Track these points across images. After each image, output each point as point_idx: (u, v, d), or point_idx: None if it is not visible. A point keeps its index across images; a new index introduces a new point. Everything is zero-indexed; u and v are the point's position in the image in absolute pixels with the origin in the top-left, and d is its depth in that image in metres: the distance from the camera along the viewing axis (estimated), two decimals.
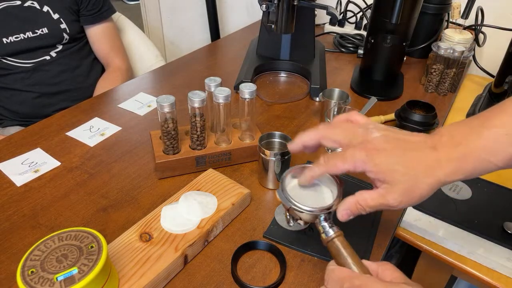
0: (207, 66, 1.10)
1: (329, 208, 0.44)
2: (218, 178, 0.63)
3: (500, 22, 1.08)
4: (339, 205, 0.43)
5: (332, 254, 0.42)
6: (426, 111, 0.79)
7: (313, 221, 0.44)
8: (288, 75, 1.05)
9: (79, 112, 0.86)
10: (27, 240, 0.56)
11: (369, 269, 0.39)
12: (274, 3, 0.86)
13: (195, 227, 0.54)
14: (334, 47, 1.23)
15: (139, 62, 1.33)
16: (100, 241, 0.43)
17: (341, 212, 0.43)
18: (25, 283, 0.38)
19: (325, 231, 0.43)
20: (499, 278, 0.56)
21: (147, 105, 0.89)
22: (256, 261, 0.54)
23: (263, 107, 0.90)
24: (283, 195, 0.45)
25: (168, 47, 2.00)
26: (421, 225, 0.62)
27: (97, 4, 1.13)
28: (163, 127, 0.63)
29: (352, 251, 0.41)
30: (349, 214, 0.43)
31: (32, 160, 0.71)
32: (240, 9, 1.72)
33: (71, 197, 0.63)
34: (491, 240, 0.59)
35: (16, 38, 1.02)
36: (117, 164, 0.71)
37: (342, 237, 0.42)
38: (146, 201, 0.63)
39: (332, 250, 0.42)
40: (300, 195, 0.46)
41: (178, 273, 0.52)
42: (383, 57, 0.98)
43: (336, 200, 0.45)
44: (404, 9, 0.82)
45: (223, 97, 0.63)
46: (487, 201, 0.66)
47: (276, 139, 0.67)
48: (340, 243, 0.41)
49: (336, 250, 0.41)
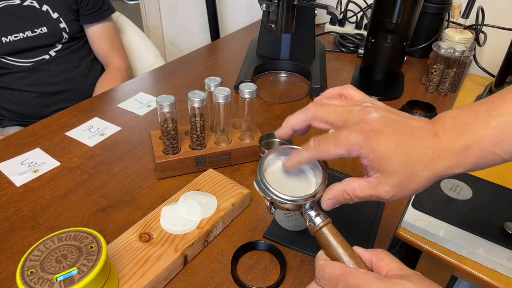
0: (207, 66, 1.10)
1: (314, 195, 0.40)
2: (218, 178, 0.63)
3: (500, 22, 1.08)
4: (324, 193, 0.39)
5: (321, 245, 0.38)
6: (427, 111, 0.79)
7: (297, 210, 0.41)
8: (288, 75, 1.05)
9: (79, 112, 0.86)
10: (26, 240, 0.56)
11: (363, 258, 0.37)
12: (274, 3, 0.85)
13: (195, 227, 0.54)
14: (334, 47, 1.23)
15: (138, 62, 1.33)
16: (100, 241, 0.43)
17: (326, 201, 0.39)
18: (25, 284, 0.38)
19: (312, 220, 0.39)
20: (500, 278, 0.56)
21: (147, 105, 0.89)
22: (256, 262, 0.54)
23: (263, 107, 0.90)
24: (262, 185, 0.41)
25: (168, 47, 2.00)
26: (421, 225, 0.62)
27: (97, 4, 1.13)
28: (162, 127, 0.63)
29: (342, 240, 0.38)
30: (334, 203, 0.39)
31: (31, 160, 0.71)
32: (240, 9, 1.72)
33: (70, 197, 0.63)
34: (492, 240, 0.59)
35: (15, 37, 1.02)
36: (117, 164, 0.71)
37: (331, 225, 0.39)
38: (146, 201, 0.63)
39: (320, 240, 0.38)
40: (281, 181, 0.42)
41: (178, 273, 0.52)
42: (383, 57, 0.97)
43: (321, 186, 0.41)
44: (405, 8, 0.82)
45: (223, 97, 0.63)
46: (488, 201, 0.66)
47: (276, 139, 0.67)
48: (328, 231, 0.38)
49: (325, 240, 0.38)
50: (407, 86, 1.01)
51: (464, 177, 0.70)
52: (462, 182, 0.69)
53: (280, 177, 0.43)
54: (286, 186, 0.41)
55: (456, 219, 0.62)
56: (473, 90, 1.05)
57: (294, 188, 0.42)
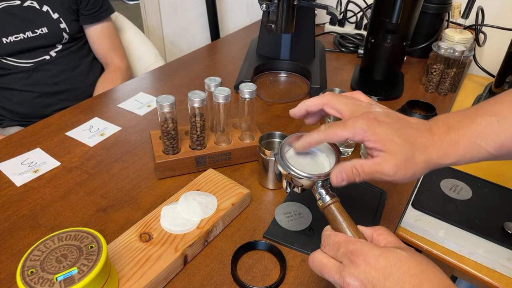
0: (207, 66, 1.10)
1: (327, 175, 0.44)
2: (218, 178, 0.63)
3: (500, 22, 1.08)
4: (334, 168, 0.43)
5: (328, 220, 0.43)
6: (427, 111, 0.79)
7: (310, 187, 0.45)
8: (288, 75, 1.05)
9: (79, 112, 0.86)
10: (26, 240, 0.56)
11: (364, 234, 0.40)
12: (274, 3, 0.85)
13: (195, 227, 0.54)
14: (334, 47, 1.23)
15: (138, 62, 1.32)
16: (100, 241, 0.43)
17: (335, 174, 0.42)
18: (25, 283, 0.38)
19: (322, 197, 0.43)
20: (499, 278, 0.56)
21: (147, 105, 0.89)
22: (256, 262, 0.54)
23: (263, 107, 0.90)
24: (282, 161, 0.45)
25: (168, 47, 2.00)
26: (421, 225, 0.62)
27: (96, 4, 1.13)
28: (163, 127, 0.63)
29: (347, 216, 0.41)
30: (343, 178, 0.42)
31: (31, 160, 0.71)
32: (240, 9, 1.72)
33: (70, 197, 0.63)
34: (492, 240, 0.59)
35: (15, 38, 1.02)
36: (117, 164, 0.71)
37: (339, 203, 0.43)
38: (146, 201, 0.63)
39: (328, 216, 0.42)
40: (298, 162, 0.46)
41: (178, 273, 0.52)
42: (383, 57, 0.97)
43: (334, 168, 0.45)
44: (405, 8, 0.82)
45: (223, 97, 0.63)
46: (487, 201, 0.66)
47: (276, 139, 0.67)
48: (336, 208, 0.42)
49: (332, 216, 0.42)
50: (407, 86, 1.01)
51: (464, 177, 0.70)
52: (462, 182, 0.69)
53: (298, 158, 0.48)
54: (302, 165, 0.46)
55: (456, 219, 0.62)
56: (473, 90, 1.05)
57: (310, 167, 0.46)
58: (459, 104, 0.98)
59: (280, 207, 0.62)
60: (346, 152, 0.73)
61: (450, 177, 0.70)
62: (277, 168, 0.47)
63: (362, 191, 0.66)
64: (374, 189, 0.67)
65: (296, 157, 0.48)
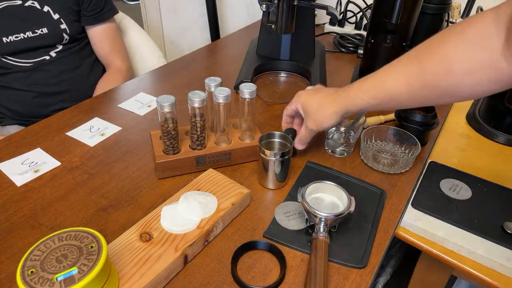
0: (207, 66, 1.10)
1: (341, 214, 0.54)
2: (218, 178, 0.63)
3: None
4: (294, 141, 0.68)
5: (311, 248, 0.52)
6: (426, 111, 0.79)
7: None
8: (288, 75, 1.05)
9: (79, 112, 0.86)
10: (27, 240, 0.56)
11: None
12: (274, 3, 0.86)
13: (195, 227, 0.54)
14: (334, 47, 1.23)
15: (141, 63, 1.32)
16: (100, 241, 0.43)
17: (296, 143, 0.69)
18: (25, 283, 0.38)
19: (318, 230, 0.54)
20: (499, 278, 0.56)
21: (147, 105, 0.89)
22: (256, 261, 0.54)
23: (263, 107, 0.90)
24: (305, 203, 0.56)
25: (168, 47, 2.00)
26: (421, 225, 0.62)
27: (98, 5, 1.13)
28: (163, 127, 0.63)
29: (325, 260, 0.50)
30: (301, 141, 0.68)
31: (32, 160, 0.71)
32: (240, 9, 1.72)
33: (71, 197, 0.63)
34: (491, 240, 0.59)
35: (16, 37, 1.02)
36: (117, 164, 0.71)
37: (326, 243, 0.52)
38: (146, 201, 0.63)
39: (312, 246, 0.53)
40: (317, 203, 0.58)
41: (178, 273, 0.52)
42: (383, 57, 0.97)
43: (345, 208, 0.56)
44: (404, 9, 0.82)
45: (223, 97, 0.63)
46: (487, 201, 0.66)
47: (276, 139, 0.67)
48: (321, 243, 0.52)
49: (314, 247, 0.52)
50: None
51: (463, 177, 0.70)
52: (461, 182, 0.69)
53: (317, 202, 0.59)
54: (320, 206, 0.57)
55: (455, 219, 0.62)
56: None
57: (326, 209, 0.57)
58: (459, 104, 0.98)
59: (280, 207, 0.62)
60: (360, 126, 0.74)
61: (450, 177, 0.71)
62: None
63: (362, 191, 0.66)
64: (374, 189, 0.67)
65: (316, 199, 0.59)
